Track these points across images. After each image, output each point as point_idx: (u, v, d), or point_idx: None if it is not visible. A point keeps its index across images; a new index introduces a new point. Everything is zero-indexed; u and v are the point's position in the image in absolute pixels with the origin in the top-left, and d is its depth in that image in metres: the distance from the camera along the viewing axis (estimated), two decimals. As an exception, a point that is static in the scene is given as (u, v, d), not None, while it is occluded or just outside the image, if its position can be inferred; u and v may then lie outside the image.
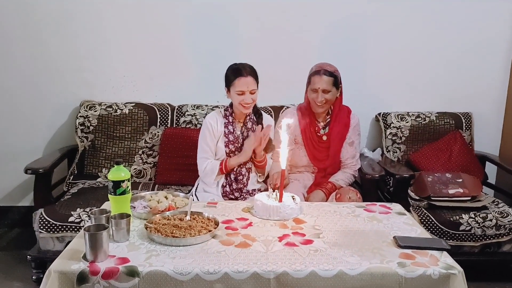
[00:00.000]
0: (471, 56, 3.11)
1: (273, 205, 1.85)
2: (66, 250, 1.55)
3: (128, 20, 2.99)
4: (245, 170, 2.43)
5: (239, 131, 2.43)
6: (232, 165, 2.38)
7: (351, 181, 2.54)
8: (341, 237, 1.69)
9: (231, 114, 2.43)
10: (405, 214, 1.94)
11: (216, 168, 2.38)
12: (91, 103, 2.94)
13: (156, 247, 1.57)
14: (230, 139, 2.40)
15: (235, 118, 2.43)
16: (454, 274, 1.44)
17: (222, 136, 2.40)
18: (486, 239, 2.42)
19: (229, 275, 1.42)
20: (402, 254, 1.55)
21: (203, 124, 2.46)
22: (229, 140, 2.40)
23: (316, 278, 1.43)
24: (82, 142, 2.88)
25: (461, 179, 2.60)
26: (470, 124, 3.06)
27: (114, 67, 3.04)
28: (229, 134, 2.40)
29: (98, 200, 2.40)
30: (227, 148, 2.40)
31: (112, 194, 1.71)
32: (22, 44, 2.96)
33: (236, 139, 2.41)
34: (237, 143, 2.41)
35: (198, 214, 1.80)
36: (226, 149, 2.40)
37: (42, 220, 2.34)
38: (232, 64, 2.38)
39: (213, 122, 2.41)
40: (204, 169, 2.40)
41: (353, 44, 3.07)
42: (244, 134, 2.43)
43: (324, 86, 2.41)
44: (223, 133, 2.40)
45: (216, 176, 2.39)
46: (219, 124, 2.41)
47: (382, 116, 3.07)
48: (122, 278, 1.41)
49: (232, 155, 2.41)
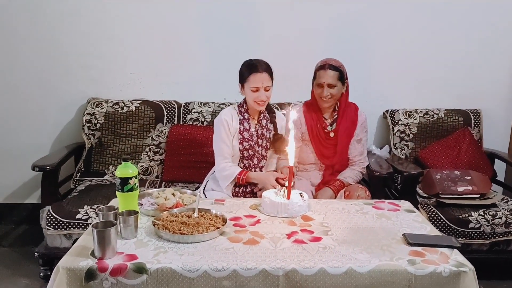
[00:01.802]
0: (479, 53, 3.09)
1: (281, 202, 1.84)
2: (74, 247, 1.55)
3: (135, 17, 2.98)
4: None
5: (253, 129, 2.38)
6: (252, 179, 2.31)
7: (359, 178, 2.53)
8: (350, 234, 1.67)
9: (246, 111, 2.37)
10: (414, 212, 1.92)
11: (233, 176, 2.29)
12: (97, 101, 2.94)
13: (164, 244, 1.56)
14: (245, 136, 2.35)
15: (250, 115, 2.39)
16: (465, 272, 1.43)
17: (237, 133, 2.35)
18: (495, 237, 2.40)
19: (237, 272, 1.41)
20: (412, 252, 1.53)
21: (217, 121, 2.37)
22: (243, 137, 2.35)
23: (325, 275, 1.42)
24: (89, 139, 2.88)
25: (470, 176, 2.58)
26: (479, 121, 3.03)
27: (120, 64, 3.04)
28: (244, 131, 2.35)
29: (105, 197, 2.41)
30: (241, 145, 2.35)
31: (119, 191, 1.71)
32: (28, 42, 2.96)
33: (250, 137, 2.36)
34: (251, 140, 2.36)
35: (206, 211, 1.79)
36: (240, 146, 2.34)
37: (50, 217, 2.34)
38: (247, 60, 2.33)
39: (228, 119, 2.34)
40: (221, 169, 2.32)
41: (360, 41, 3.05)
42: (258, 132, 2.38)
43: (329, 81, 2.40)
44: (238, 130, 2.35)
45: (230, 183, 2.32)
46: (235, 121, 2.35)
47: (389, 113, 3.05)
48: (130, 275, 1.41)
49: (246, 153, 2.35)
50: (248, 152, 2.37)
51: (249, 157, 2.37)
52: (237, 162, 2.38)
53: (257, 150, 2.39)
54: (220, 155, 2.35)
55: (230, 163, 2.34)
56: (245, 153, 2.36)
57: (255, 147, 2.38)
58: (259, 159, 2.41)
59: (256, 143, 2.38)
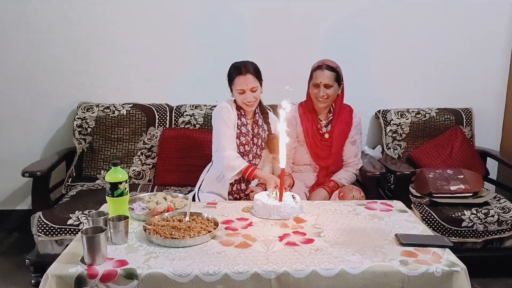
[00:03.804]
0: (471, 52, 3.10)
1: (273, 205, 1.83)
2: (63, 253, 1.53)
3: (125, 21, 2.96)
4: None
5: (250, 127, 2.38)
6: (258, 176, 2.27)
7: (353, 179, 2.53)
8: (342, 235, 1.67)
9: (242, 108, 2.36)
10: (406, 212, 1.92)
11: (240, 167, 2.22)
12: (88, 105, 2.92)
13: (155, 249, 1.55)
14: (242, 131, 2.34)
15: (245, 114, 2.38)
16: (457, 272, 1.43)
17: (235, 126, 2.34)
18: (488, 235, 2.40)
19: (229, 276, 1.40)
20: (404, 252, 1.53)
21: (217, 110, 2.34)
22: (241, 132, 2.33)
23: (318, 278, 1.41)
24: (80, 144, 2.86)
25: (463, 175, 2.59)
26: (470, 119, 3.04)
27: (111, 68, 3.02)
28: (241, 126, 2.34)
29: (97, 202, 2.36)
30: (238, 140, 2.33)
31: (109, 196, 1.69)
32: (18, 46, 2.94)
33: (247, 132, 2.35)
34: (248, 136, 2.35)
35: (198, 215, 1.78)
36: (237, 140, 2.33)
37: (41, 223, 2.32)
38: (233, 63, 2.33)
39: (229, 107, 2.31)
40: (228, 157, 2.24)
41: (352, 41, 3.05)
42: (254, 131, 2.38)
43: (326, 81, 2.40)
44: (236, 123, 2.33)
45: (236, 175, 2.26)
46: (233, 113, 2.34)
47: (382, 113, 3.06)
48: (121, 281, 1.39)
49: (242, 148, 2.33)
50: (245, 147, 2.36)
51: (245, 153, 2.36)
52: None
53: (252, 148, 2.38)
54: (225, 141, 2.28)
55: (236, 153, 2.29)
56: (241, 148, 2.35)
57: (251, 144, 2.37)
58: (254, 157, 2.40)
59: (251, 140, 2.37)
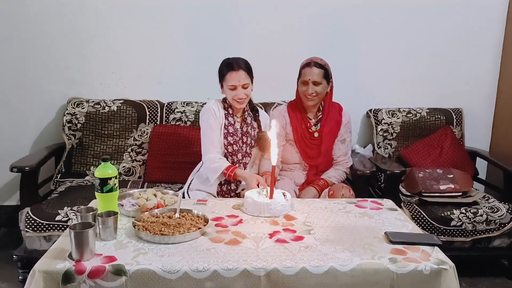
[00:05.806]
0: (461, 52, 3.12)
1: (264, 202, 1.82)
2: (51, 249, 1.51)
3: (116, 16, 2.94)
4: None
5: (238, 126, 2.38)
6: (238, 176, 2.27)
7: (343, 178, 2.54)
8: (332, 233, 1.67)
9: (230, 107, 2.36)
10: (396, 210, 1.93)
11: (221, 169, 2.25)
12: (78, 100, 2.89)
13: (144, 245, 1.54)
14: (229, 131, 2.33)
15: (233, 112, 2.37)
16: (446, 270, 1.43)
17: (222, 128, 2.33)
18: (476, 234, 2.42)
19: (218, 272, 1.39)
20: (394, 250, 1.53)
21: (204, 110, 2.35)
22: (228, 131, 2.33)
23: (307, 275, 1.41)
24: (69, 140, 2.84)
25: (452, 174, 2.60)
26: (460, 120, 3.06)
27: (102, 64, 2.99)
28: (229, 126, 2.33)
29: (86, 198, 2.36)
30: (226, 140, 2.33)
31: (99, 192, 1.67)
32: (7, 42, 2.90)
33: (235, 132, 2.35)
34: (236, 136, 2.35)
35: (188, 212, 1.77)
36: (224, 140, 2.33)
37: (29, 219, 2.30)
38: (225, 59, 2.33)
39: (215, 108, 2.32)
40: (210, 160, 2.27)
41: (343, 40, 3.06)
42: (243, 129, 2.37)
43: (314, 78, 2.40)
44: (223, 124, 2.33)
45: (218, 177, 2.28)
46: (220, 113, 2.33)
47: (373, 112, 3.07)
48: (109, 277, 1.38)
49: (230, 148, 2.33)
50: (233, 147, 2.35)
51: (233, 153, 2.35)
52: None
53: (241, 146, 2.38)
54: (209, 144, 2.31)
55: (219, 155, 2.31)
56: (229, 148, 2.34)
57: (239, 143, 2.36)
58: (244, 155, 2.39)
59: (240, 139, 2.36)
